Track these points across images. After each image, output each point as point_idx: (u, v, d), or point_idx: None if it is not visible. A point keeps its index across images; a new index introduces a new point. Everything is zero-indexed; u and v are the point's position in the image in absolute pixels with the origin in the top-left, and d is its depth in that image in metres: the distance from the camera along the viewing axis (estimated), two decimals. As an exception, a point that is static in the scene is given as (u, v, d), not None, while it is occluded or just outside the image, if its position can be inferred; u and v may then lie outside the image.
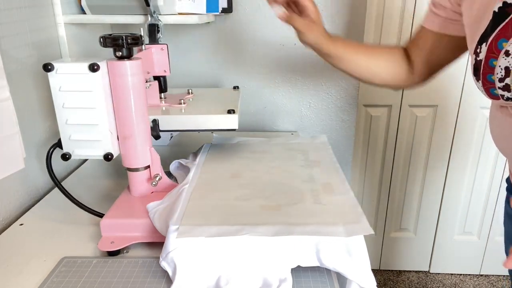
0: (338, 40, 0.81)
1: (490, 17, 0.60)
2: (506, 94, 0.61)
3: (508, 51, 0.58)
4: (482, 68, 0.63)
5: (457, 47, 0.76)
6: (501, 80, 0.61)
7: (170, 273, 0.60)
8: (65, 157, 0.71)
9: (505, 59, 0.59)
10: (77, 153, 0.72)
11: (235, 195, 0.71)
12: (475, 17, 0.64)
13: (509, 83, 0.60)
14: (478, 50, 0.63)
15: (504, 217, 0.86)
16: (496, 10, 0.59)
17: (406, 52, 0.84)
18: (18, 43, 0.82)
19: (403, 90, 1.66)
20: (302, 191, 0.73)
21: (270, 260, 0.60)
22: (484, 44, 0.62)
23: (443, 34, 0.76)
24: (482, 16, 0.63)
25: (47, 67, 0.66)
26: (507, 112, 0.65)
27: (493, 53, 0.61)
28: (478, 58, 0.63)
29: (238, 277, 0.59)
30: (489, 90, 0.64)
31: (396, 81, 0.85)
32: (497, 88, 0.62)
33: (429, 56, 0.80)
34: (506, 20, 0.58)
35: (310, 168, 0.83)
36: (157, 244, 0.68)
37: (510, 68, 0.59)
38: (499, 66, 0.60)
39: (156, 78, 0.93)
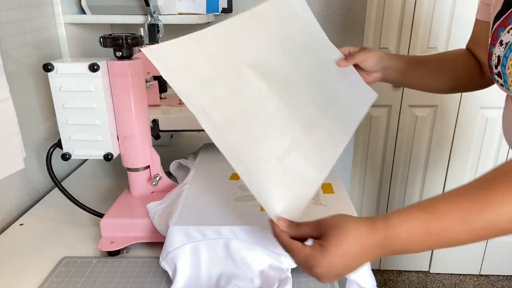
0: (402, 56, 0.83)
1: (501, 5, 0.61)
2: (500, 80, 0.63)
3: (502, 40, 0.60)
4: (488, 53, 0.64)
5: None
6: (496, 67, 0.62)
7: (170, 273, 0.60)
8: (65, 157, 0.71)
9: (499, 48, 0.61)
10: (77, 153, 0.72)
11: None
12: (494, 4, 0.65)
13: (500, 70, 0.61)
14: (489, 35, 0.65)
15: None
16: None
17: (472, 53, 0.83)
18: (18, 43, 0.82)
19: (403, 90, 1.66)
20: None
21: (270, 260, 0.60)
22: (491, 31, 0.63)
23: None
24: (497, 4, 0.63)
25: (47, 67, 0.66)
26: None
27: (494, 40, 0.62)
28: (488, 43, 0.65)
29: (238, 277, 0.59)
30: (491, 74, 0.65)
31: (471, 85, 0.84)
32: (494, 73, 0.64)
33: None
34: (510, 10, 0.59)
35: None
36: (157, 244, 0.68)
37: (501, 57, 0.60)
38: (495, 54, 0.62)
39: (156, 78, 0.93)
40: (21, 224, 0.79)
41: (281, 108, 0.61)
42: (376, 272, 1.95)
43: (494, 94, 1.61)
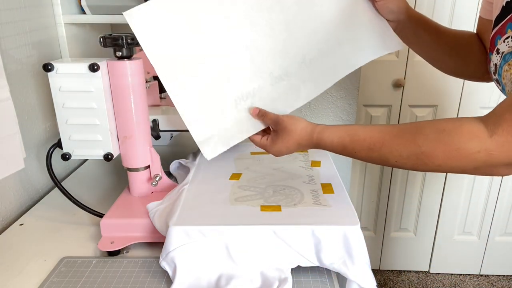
0: (427, 22, 0.80)
1: (499, 10, 0.60)
2: (499, 86, 0.62)
3: (499, 49, 0.59)
4: (487, 58, 0.63)
5: None
6: (494, 73, 0.61)
7: (170, 273, 0.60)
8: (65, 157, 0.71)
9: (496, 56, 0.59)
10: (77, 153, 0.72)
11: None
12: (495, 6, 0.64)
13: (497, 78, 0.60)
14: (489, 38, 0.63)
15: None
16: (504, 5, 0.59)
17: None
18: (18, 43, 0.82)
19: (403, 90, 1.66)
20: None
21: (270, 260, 0.60)
22: (490, 35, 0.62)
23: None
24: (496, 8, 0.62)
25: (47, 67, 0.66)
26: None
27: (492, 47, 0.61)
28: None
29: (238, 277, 0.59)
30: (492, 79, 0.64)
31: (477, 73, 0.78)
32: (494, 79, 0.63)
33: None
34: (506, 18, 0.58)
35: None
36: (157, 244, 0.68)
37: (497, 66, 0.59)
38: (492, 61, 0.61)
39: (156, 78, 0.93)
40: (21, 224, 0.79)
41: (256, 57, 0.71)
42: (376, 272, 1.95)
43: (494, 94, 1.61)
